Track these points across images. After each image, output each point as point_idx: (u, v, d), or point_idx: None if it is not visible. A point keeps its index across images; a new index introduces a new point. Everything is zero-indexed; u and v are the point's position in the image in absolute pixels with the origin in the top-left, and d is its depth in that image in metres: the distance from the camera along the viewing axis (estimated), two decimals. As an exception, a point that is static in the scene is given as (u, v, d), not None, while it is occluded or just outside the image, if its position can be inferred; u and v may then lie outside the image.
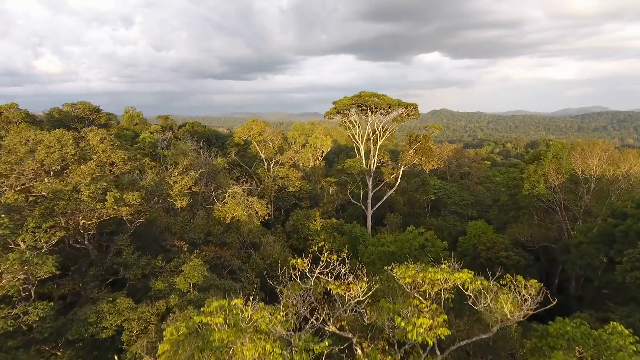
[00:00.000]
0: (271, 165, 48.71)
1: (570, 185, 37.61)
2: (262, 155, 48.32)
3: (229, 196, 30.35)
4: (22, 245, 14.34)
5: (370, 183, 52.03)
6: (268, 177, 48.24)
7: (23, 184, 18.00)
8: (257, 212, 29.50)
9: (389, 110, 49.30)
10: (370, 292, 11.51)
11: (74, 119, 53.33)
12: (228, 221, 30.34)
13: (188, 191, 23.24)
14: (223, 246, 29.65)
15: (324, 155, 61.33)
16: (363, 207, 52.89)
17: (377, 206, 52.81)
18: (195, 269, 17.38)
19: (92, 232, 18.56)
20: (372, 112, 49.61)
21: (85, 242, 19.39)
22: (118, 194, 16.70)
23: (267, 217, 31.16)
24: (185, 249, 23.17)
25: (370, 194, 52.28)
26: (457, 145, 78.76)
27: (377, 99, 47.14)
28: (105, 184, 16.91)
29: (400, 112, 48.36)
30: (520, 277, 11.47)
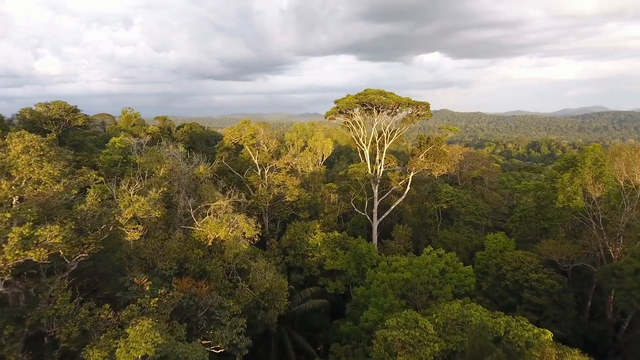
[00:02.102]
0: (265, 171, 43.51)
1: (609, 197, 32.47)
2: (256, 161, 43.15)
3: (210, 213, 25.14)
4: None
5: (376, 191, 46.85)
6: (262, 186, 43.04)
7: None
8: (243, 234, 24.33)
9: (397, 110, 44.15)
10: None
11: (47, 121, 48.12)
12: (210, 243, 25.12)
13: (146, 217, 18.12)
14: (202, 276, 24.46)
15: (324, 159, 56.21)
16: (368, 217, 47.74)
17: (383, 216, 47.61)
18: (142, 336, 12.22)
19: (6, 277, 13.38)
20: (379, 112, 44.45)
21: (1, 289, 14.19)
22: (27, 231, 11.61)
23: (256, 239, 25.99)
24: (148, 287, 17.94)
25: (376, 203, 47.10)
26: (469, 148, 73.59)
27: (384, 98, 41.99)
28: (8, 215, 11.77)
29: (410, 111, 43.19)
30: None
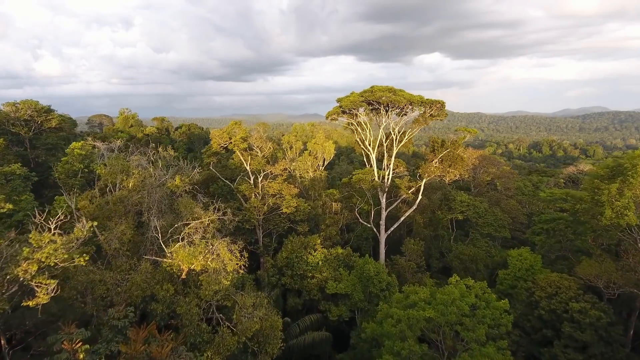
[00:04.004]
0: (259, 179, 38.42)
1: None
2: (248, 168, 38.06)
3: (184, 239, 20.05)
4: None
5: (384, 200, 41.76)
6: (255, 195, 37.97)
7: None
8: (224, 265, 19.23)
9: (407, 109, 39.13)
10: None
11: (16, 122, 43.03)
12: (184, 276, 20.06)
13: (66, 264, 13.01)
14: (173, 317, 19.40)
15: (325, 163, 51.16)
16: (374, 229, 42.61)
17: (392, 228, 42.49)
18: None
19: None
20: (387, 111, 39.42)
21: None
22: None
23: (241, 272, 20.91)
24: (82, 355, 12.85)
25: (384, 214, 42.01)
26: (484, 151, 68.61)
27: (393, 95, 36.97)
28: None
29: (423, 111, 38.14)
30: None
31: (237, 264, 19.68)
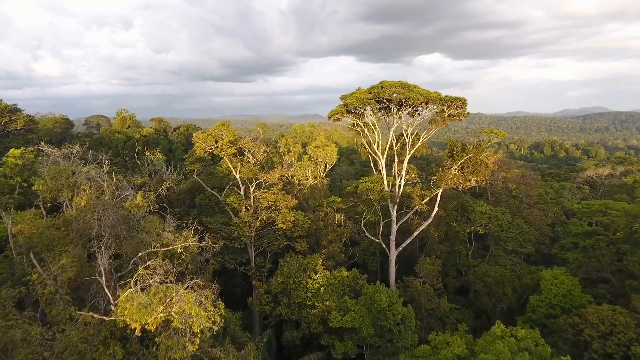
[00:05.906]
0: (251, 189, 33.10)
1: None
2: (237, 176, 32.72)
3: (137, 282, 14.70)
4: None
5: (395, 212, 36.48)
6: (246, 208, 32.65)
7: None
8: (190, 325, 13.86)
9: (423, 107, 33.88)
10: None
11: (-26, 123, 37.59)
12: (138, 334, 14.73)
13: None
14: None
15: (327, 169, 45.81)
16: (383, 245, 37.30)
17: (404, 244, 37.14)
18: None
19: None
20: (398, 110, 34.14)
21: None
22: None
23: (216, 329, 15.51)
24: None
25: (395, 227, 36.74)
26: (501, 154, 63.36)
27: (407, 91, 31.68)
28: None
29: (441, 110, 32.85)
30: None
31: (209, 318, 14.31)
